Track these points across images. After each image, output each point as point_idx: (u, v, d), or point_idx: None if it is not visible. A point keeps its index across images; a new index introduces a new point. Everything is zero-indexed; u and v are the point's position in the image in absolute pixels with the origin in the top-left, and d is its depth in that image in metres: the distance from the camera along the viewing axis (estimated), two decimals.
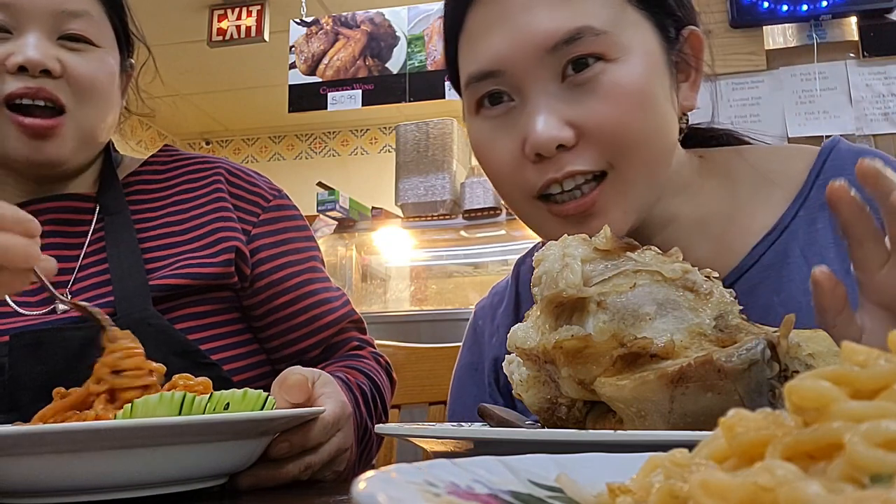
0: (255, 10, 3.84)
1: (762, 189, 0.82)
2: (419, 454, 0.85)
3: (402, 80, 3.43)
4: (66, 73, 0.88)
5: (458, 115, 3.83)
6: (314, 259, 1.01)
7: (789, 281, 0.76)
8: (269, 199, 1.01)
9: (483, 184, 3.45)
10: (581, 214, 0.73)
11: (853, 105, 2.92)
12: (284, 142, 5.55)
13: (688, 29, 0.79)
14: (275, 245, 0.98)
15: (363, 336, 1.02)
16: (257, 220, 0.98)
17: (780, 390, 0.49)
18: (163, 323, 0.85)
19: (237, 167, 1.03)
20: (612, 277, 0.57)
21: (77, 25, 0.90)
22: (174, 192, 0.99)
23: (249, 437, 0.60)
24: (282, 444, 0.65)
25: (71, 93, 0.89)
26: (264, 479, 0.65)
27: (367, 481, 0.25)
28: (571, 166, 0.71)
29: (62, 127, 0.89)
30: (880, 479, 0.20)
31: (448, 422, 0.90)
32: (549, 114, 0.70)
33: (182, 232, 0.95)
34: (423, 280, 4.16)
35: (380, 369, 0.96)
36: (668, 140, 0.75)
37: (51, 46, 0.88)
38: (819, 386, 0.24)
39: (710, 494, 0.22)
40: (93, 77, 0.90)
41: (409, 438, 0.58)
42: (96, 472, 0.52)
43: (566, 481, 0.30)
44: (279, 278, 0.96)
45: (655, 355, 0.53)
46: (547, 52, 0.70)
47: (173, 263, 0.91)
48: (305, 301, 0.97)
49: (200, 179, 1.00)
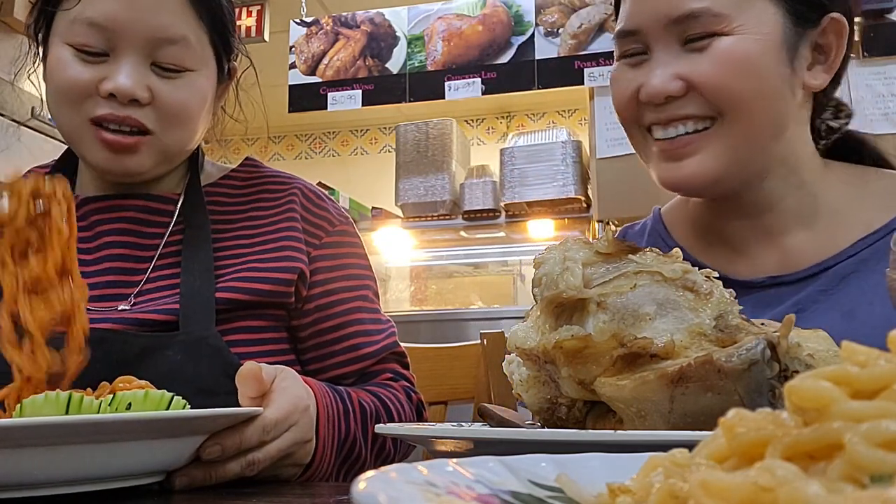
0: (255, 10, 3.84)
1: (882, 201, 0.89)
2: (419, 454, 0.85)
3: (402, 80, 3.43)
4: (155, 100, 0.90)
5: (457, 115, 3.82)
6: (367, 289, 1.02)
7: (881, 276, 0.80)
8: (335, 223, 1.03)
9: (482, 185, 3.46)
10: (676, 153, 0.86)
11: (853, 105, 2.92)
12: (284, 142, 5.54)
13: (829, 16, 0.87)
14: (330, 269, 0.99)
15: (403, 371, 1.01)
16: (319, 242, 1.00)
17: (780, 390, 0.49)
18: (220, 344, 0.87)
19: (312, 189, 1.05)
20: (613, 279, 0.57)
21: (172, 53, 0.90)
22: (250, 208, 1.01)
23: (154, 437, 0.59)
24: (212, 447, 0.64)
25: (157, 118, 0.91)
26: (199, 479, 0.65)
27: (367, 481, 0.25)
28: (676, 111, 0.85)
29: (144, 145, 0.91)
30: (880, 479, 0.21)
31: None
32: (665, 69, 0.85)
33: (252, 245, 0.96)
34: (423, 280, 4.16)
35: (404, 401, 0.95)
36: (774, 109, 0.85)
37: (143, 73, 0.89)
38: (819, 386, 0.24)
39: (710, 494, 0.22)
40: (182, 104, 0.92)
41: (409, 438, 0.58)
42: None
43: (566, 481, 0.30)
44: (328, 303, 0.98)
45: (655, 355, 0.53)
46: (671, 22, 0.84)
47: (238, 273, 0.92)
48: (348, 329, 0.98)
49: (277, 198, 1.02)
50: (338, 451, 0.82)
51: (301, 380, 0.77)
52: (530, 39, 3.31)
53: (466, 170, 3.63)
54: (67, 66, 0.89)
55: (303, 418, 0.73)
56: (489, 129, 5.15)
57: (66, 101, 0.90)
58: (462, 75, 3.35)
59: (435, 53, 3.41)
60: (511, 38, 3.34)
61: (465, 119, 4.94)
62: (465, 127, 4.87)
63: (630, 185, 3.08)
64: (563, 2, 3.30)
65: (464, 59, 3.37)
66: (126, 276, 0.93)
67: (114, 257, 0.94)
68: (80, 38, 0.89)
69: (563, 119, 4.96)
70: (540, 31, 3.30)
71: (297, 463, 0.74)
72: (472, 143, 4.67)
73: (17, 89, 1.09)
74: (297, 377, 0.76)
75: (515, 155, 3.37)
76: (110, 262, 0.93)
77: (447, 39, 3.41)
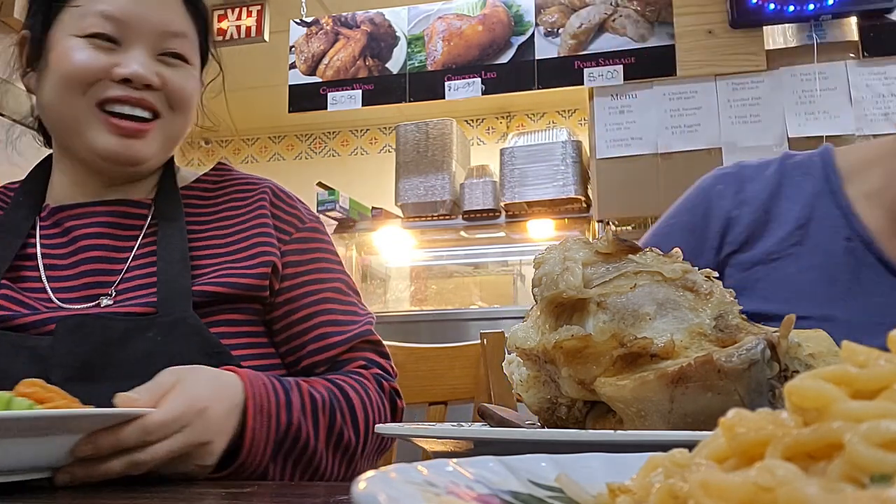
0: (255, 10, 3.84)
1: None
2: (419, 454, 0.85)
3: (402, 80, 3.43)
4: (164, 86, 0.96)
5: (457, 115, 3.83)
6: (338, 282, 1.04)
7: None
8: (305, 221, 1.05)
9: (482, 185, 3.46)
10: None
11: (853, 105, 2.92)
12: (284, 142, 5.54)
13: None
14: (299, 263, 1.01)
15: (377, 359, 1.01)
16: (290, 238, 1.02)
17: (780, 390, 0.49)
18: (198, 324, 0.88)
19: (281, 189, 1.09)
20: (613, 279, 0.57)
21: (176, 44, 0.98)
22: (223, 208, 1.04)
23: (27, 435, 0.60)
24: (85, 445, 0.64)
25: (165, 102, 0.97)
26: (80, 476, 0.65)
27: (367, 481, 0.25)
28: None
29: (153, 130, 0.96)
30: (880, 479, 0.21)
31: None
32: None
33: (226, 244, 0.99)
34: (423, 280, 4.16)
35: (371, 389, 0.95)
36: None
37: (152, 62, 0.96)
38: (819, 386, 0.24)
39: (710, 494, 0.22)
40: (187, 91, 0.99)
41: (409, 438, 0.58)
42: None
43: (566, 481, 0.30)
44: (297, 295, 0.99)
45: (655, 355, 0.53)
46: None
47: (215, 272, 0.94)
48: (316, 319, 0.99)
49: (247, 198, 1.05)
50: (277, 444, 0.82)
51: (213, 380, 0.77)
52: (530, 39, 3.31)
53: (466, 170, 3.63)
54: (78, 51, 0.93)
55: (197, 420, 0.72)
56: (489, 129, 5.15)
57: (75, 85, 0.93)
58: (462, 75, 3.35)
59: (435, 53, 3.41)
60: (511, 38, 3.34)
61: (465, 119, 4.94)
62: (465, 127, 4.87)
63: (630, 185, 3.08)
64: (563, 2, 3.30)
65: (464, 59, 3.37)
66: (104, 276, 0.95)
67: (91, 259, 0.95)
68: (92, 28, 0.93)
69: (563, 119, 4.96)
70: (540, 31, 3.30)
71: (200, 464, 0.73)
72: (472, 143, 4.68)
73: (15, 89, 1.12)
74: (209, 378, 0.76)
75: (515, 155, 3.37)
76: (87, 265, 0.95)
77: (447, 39, 3.41)
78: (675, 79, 3.12)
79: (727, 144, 3.02)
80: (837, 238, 0.85)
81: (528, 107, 4.97)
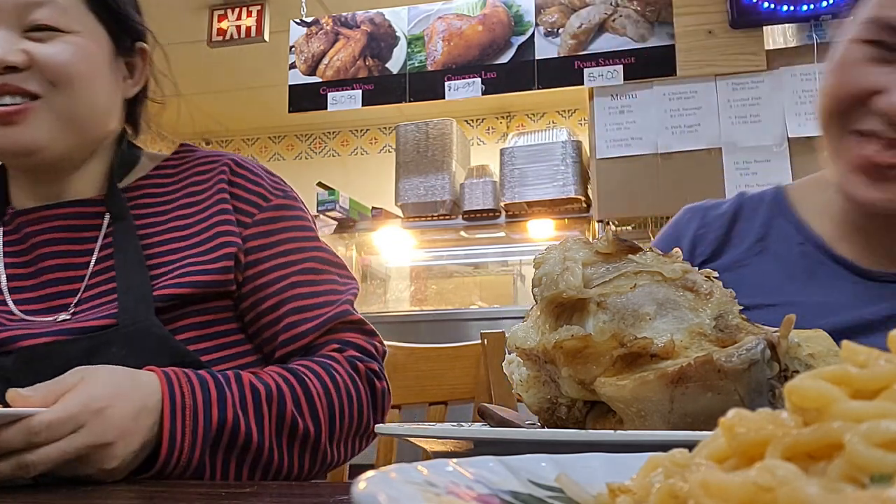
0: (255, 10, 3.84)
1: None
2: (419, 454, 0.85)
3: (402, 80, 3.43)
4: (35, 63, 0.86)
5: (457, 115, 3.82)
6: (309, 261, 0.95)
7: None
8: (269, 199, 0.96)
9: (482, 185, 3.46)
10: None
11: None
12: (284, 142, 5.54)
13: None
14: (262, 248, 0.93)
15: (357, 339, 0.94)
16: (251, 220, 0.94)
17: (780, 390, 0.49)
18: (163, 333, 0.83)
19: (244, 161, 0.99)
20: (613, 279, 0.57)
21: (41, 15, 0.87)
22: (181, 196, 0.96)
23: None
24: None
25: (41, 80, 0.87)
26: None
27: (367, 481, 0.25)
28: None
29: (32, 111, 0.86)
30: (880, 479, 0.20)
31: None
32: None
33: (186, 237, 0.92)
34: (423, 280, 4.16)
35: (341, 372, 0.88)
36: None
37: (16, 40, 0.86)
38: (819, 386, 0.24)
39: (710, 494, 0.22)
40: (66, 62, 0.87)
41: (409, 438, 0.58)
42: None
43: (566, 481, 0.30)
44: (262, 284, 0.92)
45: (655, 355, 0.53)
46: None
47: (176, 271, 0.88)
48: (284, 307, 0.92)
49: (205, 177, 0.97)
50: (209, 442, 0.77)
51: (119, 379, 0.72)
52: (530, 39, 3.31)
53: (466, 170, 3.63)
54: None
55: (94, 420, 0.67)
56: (489, 129, 5.15)
57: None
58: (462, 75, 3.35)
59: (435, 53, 3.41)
60: (511, 38, 3.34)
61: (465, 119, 4.94)
62: (465, 127, 4.87)
63: (630, 185, 3.08)
64: (563, 2, 3.30)
65: (464, 59, 3.37)
66: (65, 285, 0.90)
67: (51, 268, 0.91)
68: None
69: (563, 119, 4.96)
70: (540, 31, 3.30)
71: (102, 467, 0.69)
72: (472, 143, 4.68)
73: None
74: (115, 378, 0.72)
75: (515, 155, 3.37)
76: (48, 274, 0.91)
77: (447, 39, 3.41)
78: (675, 79, 3.12)
79: (727, 144, 3.03)
80: (792, 245, 0.96)
81: (528, 107, 4.97)
